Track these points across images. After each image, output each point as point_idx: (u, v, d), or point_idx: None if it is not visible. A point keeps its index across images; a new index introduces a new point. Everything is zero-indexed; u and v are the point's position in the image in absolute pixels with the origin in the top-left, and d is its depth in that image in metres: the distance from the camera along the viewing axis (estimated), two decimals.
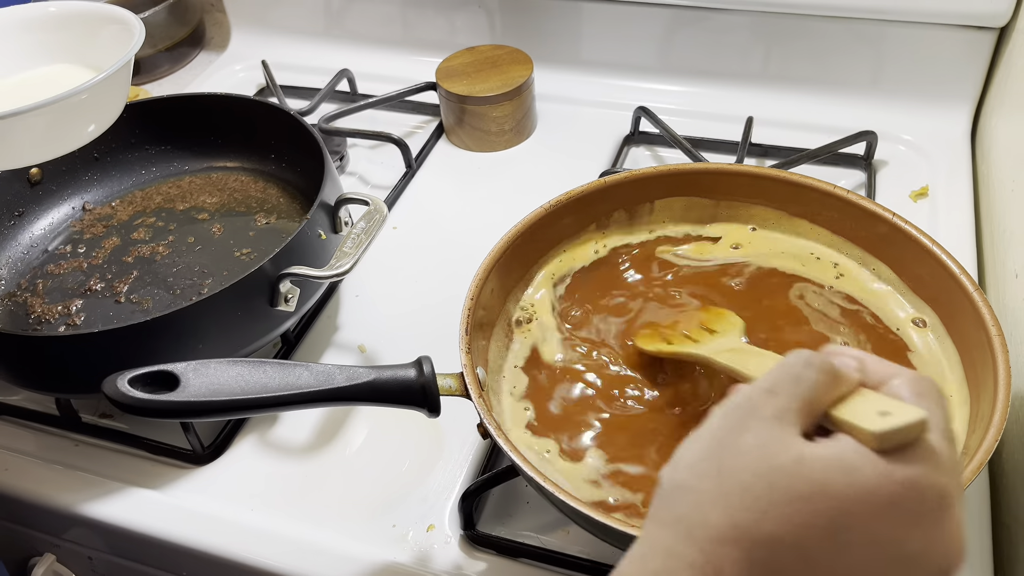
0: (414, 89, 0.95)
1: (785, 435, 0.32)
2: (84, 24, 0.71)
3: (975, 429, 0.51)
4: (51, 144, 0.65)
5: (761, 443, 0.32)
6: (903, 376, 0.34)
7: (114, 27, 0.69)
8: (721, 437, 0.33)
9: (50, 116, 0.61)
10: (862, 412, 0.33)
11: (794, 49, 0.90)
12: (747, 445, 0.32)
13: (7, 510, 0.69)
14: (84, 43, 0.71)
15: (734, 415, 0.33)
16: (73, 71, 0.70)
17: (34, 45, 0.71)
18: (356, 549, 0.59)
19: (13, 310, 0.73)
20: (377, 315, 0.76)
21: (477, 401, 0.52)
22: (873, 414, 0.32)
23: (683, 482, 0.33)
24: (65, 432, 0.69)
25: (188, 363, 0.50)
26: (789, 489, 0.31)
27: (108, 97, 0.66)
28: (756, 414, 0.33)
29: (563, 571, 0.57)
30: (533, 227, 0.64)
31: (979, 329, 0.54)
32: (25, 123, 0.60)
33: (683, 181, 0.67)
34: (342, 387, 0.51)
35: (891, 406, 0.33)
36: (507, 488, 0.62)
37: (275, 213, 0.79)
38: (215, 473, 0.65)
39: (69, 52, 0.71)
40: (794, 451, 0.32)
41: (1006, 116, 0.80)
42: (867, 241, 0.64)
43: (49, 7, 0.72)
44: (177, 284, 0.73)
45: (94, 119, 0.66)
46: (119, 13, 0.69)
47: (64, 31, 0.71)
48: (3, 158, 0.64)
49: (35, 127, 0.61)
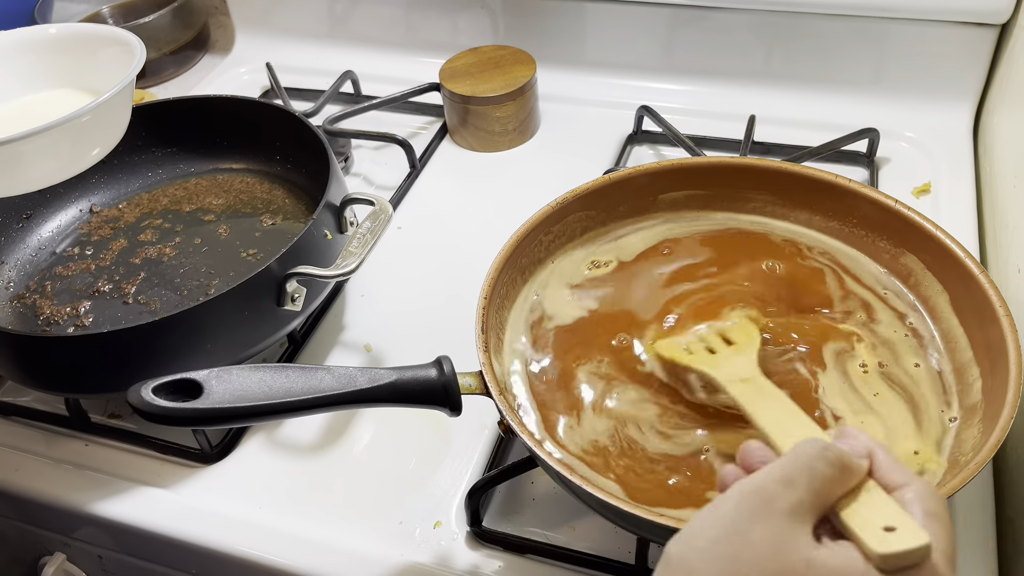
0: (418, 90, 0.95)
1: (797, 534, 0.33)
2: (85, 46, 0.70)
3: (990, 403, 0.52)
4: (55, 168, 0.64)
5: (772, 538, 0.32)
6: (915, 489, 0.35)
7: (115, 49, 0.68)
8: (735, 525, 0.33)
9: (53, 140, 0.60)
10: (869, 524, 0.34)
11: (796, 47, 0.91)
12: (760, 538, 0.32)
13: (18, 510, 0.70)
14: (85, 66, 0.70)
15: (749, 503, 0.34)
16: (74, 96, 0.70)
17: (34, 68, 0.70)
18: (363, 546, 0.60)
19: (22, 312, 0.74)
20: (383, 314, 0.76)
21: (498, 398, 0.53)
22: (879, 528, 0.33)
23: (693, 565, 0.33)
24: (75, 432, 0.70)
25: (210, 370, 0.50)
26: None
27: (111, 119, 0.65)
28: (771, 505, 0.33)
29: (570, 567, 0.57)
30: (542, 224, 0.65)
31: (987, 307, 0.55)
32: (28, 148, 0.59)
33: (688, 175, 0.68)
34: (364, 389, 0.51)
35: (898, 521, 0.33)
36: (513, 484, 0.62)
37: (281, 214, 0.80)
38: (223, 472, 0.66)
39: (70, 75, 0.70)
40: (804, 553, 0.32)
41: (1008, 112, 0.80)
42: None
43: (49, 29, 0.71)
44: (184, 285, 0.74)
45: (98, 142, 0.66)
46: (120, 35, 0.69)
47: (64, 54, 0.70)
48: (7, 184, 0.63)
49: (38, 152, 0.60)
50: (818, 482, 0.34)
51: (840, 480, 0.34)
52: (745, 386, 0.51)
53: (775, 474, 0.34)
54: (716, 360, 0.55)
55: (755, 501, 0.33)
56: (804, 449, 0.35)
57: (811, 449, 0.35)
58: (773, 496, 0.33)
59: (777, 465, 0.35)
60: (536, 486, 0.62)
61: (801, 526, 0.33)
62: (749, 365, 0.54)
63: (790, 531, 0.33)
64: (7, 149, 0.58)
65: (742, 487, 0.34)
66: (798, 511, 0.33)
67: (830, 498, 0.34)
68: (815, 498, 0.34)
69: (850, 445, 0.36)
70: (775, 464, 0.35)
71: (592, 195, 0.67)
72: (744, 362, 0.54)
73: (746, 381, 0.51)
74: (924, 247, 0.61)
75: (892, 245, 0.64)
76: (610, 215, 0.69)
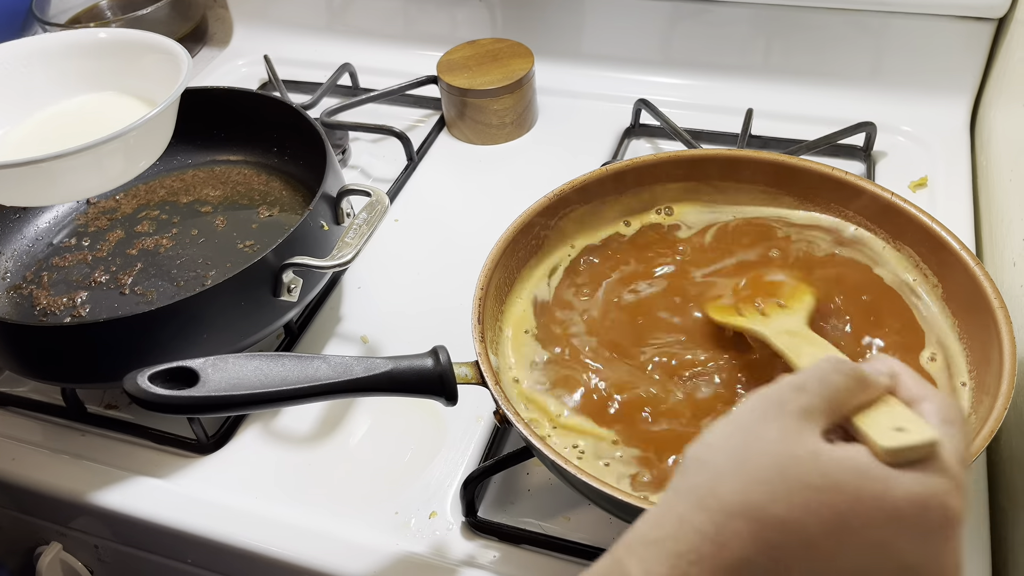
0: (415, 83, 0.95)
1: (805, 430, 0.34)
2: (130, 52, 0.70)
3: (981, 400, 0.52)
4: (100, 179, 0.64)
5: (782, 433, 0.33)
6: (934, 400, 0.36)
7: (158, 55, 0.69)
8: (746, 423, 0.35)
9: (100, 154, 0.60)
10: (880, 425, 0.34)
11: (793, 41, 0.91)
12: (768, 433, 0.34)
13: (14, 500, 0.70)
14: (128, 71, 0.70)
15: (761, 405, 0.35)
16: (120, 101, 0.70)
17: (79, 71, 0.71)
18: (359, 536, 0.60)
19: (19, 302, 0.74)
20: (379, 306, 0.76)
21: (494, 388, 0.53)
22: (890, 428, 0.34)
23: (703, 456, 0.34)
24: (71, 422, 0.70)
25: (206, 359, 0.50)
26: (802, 478, 0.32)
27: (158, 130, 0.66)
28: (782, 407, 0.34)
29: (565, 557, 0.58)
30: (539, 215, 0.65)
31: (980, 298, 0.55)
32: (76, 161, 0.59)
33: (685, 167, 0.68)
34: (361, 378, 0.52)
35: (910, 422, 0.34)
36: (508, 475, 0.62)
37: (278, 206, 0.80)
38: (219, 462, 0.66)
39: (113, 79, 0.71)
40: (811, 445, 0.33)
41: (1005, 107, 0.81)
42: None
43: (99, 33, 0.72)
44: (181, 276, 0.74)
45: (144, 154, 0.66)
46: (167, 44, 0.69)
47: (111, 58, 0.71)
48: (54, 193, 0.64)
49: (85, 164, 0.61)
50: (830, 389, 0.35)
51: (854, 391, 0.35)
52: (790, 337, 0.52)
53: (788, 382, 0.36)
54: (766, 320, 0.56)
55: (767, 404, 0.35)
56: (821, 362, 0.36)
57: (828, 363, 0.36)
58: (784, 399, 0.35)
59: (792, 376, 0.36)
60: (531, 477, 0.62)
61: (811, 425, 0.34)
62: (798, 322, 0.55)
63: (799, 428, 0.34)
64: (57, 163, 0.58)
65: (757, 395, 0.36)
66: (809, 412, 0.34)
67: (844, 406, 0.35)
68: (827, 404, 0.35)
69: (873, 365, 0.37)
70: (791, 375, 0.36)
71: (589, 187, 0.67)
72: (793, 320, 0.55)
73: (792, 333, 0.52)
74: (920, 240, 0.61)
75: (889, 238, 0.64)
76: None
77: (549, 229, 0.66)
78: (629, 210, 0.69)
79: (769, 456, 0.33)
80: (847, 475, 0.32)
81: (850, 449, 0.33)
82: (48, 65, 0.71)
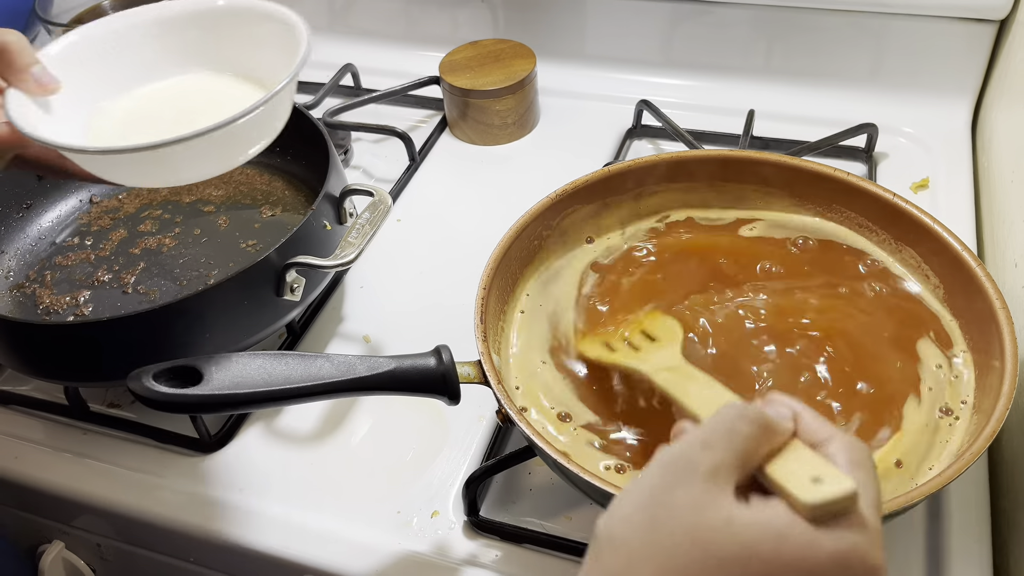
0: (418, 83, 0.95)
1: (718, 494, 0.32)
2: (245, 24, 0.61)
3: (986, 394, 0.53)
4: (213, 163, 0.56)
5: (693, 501, 0.32)
6: (839, 441, 0.35)
7: (272, 26, 0.59)
8: (656, 491, 0.33)
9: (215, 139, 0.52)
10: (795, 476, 0.33)
11: (795, 42, 0.91)
12: (680, 501, 0.32)
13: (17, 498, 0.70)
14: (239, 44, 0.61)
15: (670, 469, 0.34)
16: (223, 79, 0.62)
17: (187, 44, 0.61)
18: (361, 535, 0.60)
19: (22, 301, 0.74)
20: (382, 306, 0.77)
21: (496, 388, 0.53)
22: (806, 480, 0.33)
23: (616, 535, 0.33)
24: (74, 421, 0.70)
25: (210, 357, 0.50)
26: (719, 552, 0.31)
27: (275, 112, 0.57)
28: (691, 469, 0.33)
29: (566, 556, 0.58)
30: (541, 216, 0.65)
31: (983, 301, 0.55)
32: (188, 147, 0.52)
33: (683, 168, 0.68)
34: (364, 377, 0.52)
35: (824, 472, 0.33)
36: (510, 475, 0.62)
37: (280, 205, 0.80)
38: (222, 461, 0.66)
39: (222, 54, 0.61)
40: (724, 512, 0.32)
41: (1006, 108, 0.81)
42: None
43: (217, 1, 0.61)
44: (183, 275, 0.74)
45: (260, 136, 0.57)
46: (285, 14, 0.59)
47: (223, 29, 0.61)
48: (161, 176, 0.57)
49: (198, 148, 0.53)
50: (738, 442, 0.34)
51: (762, 439, 0.34)
52: (671, 374, 0.51)
53: (695, 439, 0.34)
54: (640, 357, 0.55)
55: (676, 467, 0.33)
56: (724, 412, 0.35)
57: (731, 411, 0.35)
58: (692, 460, 0.33)
59: (698, 430, 0.35)
60: (533, 476, 0.62)
61: (722, 486, 0.33)
62: (673, 356, 0.54)
63: (710, 492, 0.32)
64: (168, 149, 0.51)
65: (663, 456, 0.34)
66: (719, 472, 0.33)
67: (753, 457, 0.34)
68: (736, 458, 0.33)
69: (774, 408, 0.36)
70: (696, 430, 0.35)
71: (591, 188, 0.67)
72: (667, 354, 0.54)
73: (672, 370, 0.51)
74: (922, 241, 0.62)
75: (890, 239, 0.64)
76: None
77: (551, 229, 0.66)
78: (633, 214, 0.69)
79: (682, 531, 0.32)
80: (765, 541, 0.31)
81: (767, 510, 0.32)
82: (165, 34, 0.62)
